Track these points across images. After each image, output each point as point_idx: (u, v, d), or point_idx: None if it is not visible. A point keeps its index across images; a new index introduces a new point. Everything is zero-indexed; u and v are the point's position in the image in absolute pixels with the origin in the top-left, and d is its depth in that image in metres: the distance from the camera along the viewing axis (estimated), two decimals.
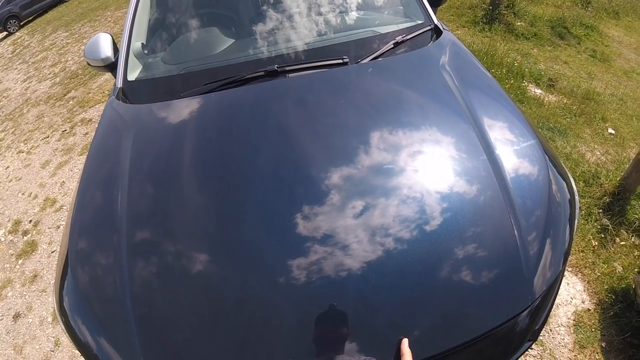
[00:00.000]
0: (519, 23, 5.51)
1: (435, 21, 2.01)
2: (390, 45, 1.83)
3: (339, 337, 1.10)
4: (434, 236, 1.22)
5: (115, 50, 2.20)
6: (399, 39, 1.85)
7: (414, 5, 2.10)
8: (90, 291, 1.29)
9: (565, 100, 3.92)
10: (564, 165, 1.57)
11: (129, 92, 1.90)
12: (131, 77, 1.97)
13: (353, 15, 2.11)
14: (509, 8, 5.63)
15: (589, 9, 6.91)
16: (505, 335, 1.19)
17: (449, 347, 1.10)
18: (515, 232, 1.25)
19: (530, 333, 1.24)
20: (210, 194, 1.42)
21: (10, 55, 9.26)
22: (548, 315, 1.31)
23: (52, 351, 2.46)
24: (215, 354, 1.12)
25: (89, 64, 2.22)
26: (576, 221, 1.41)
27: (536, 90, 4.02)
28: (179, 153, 1.56)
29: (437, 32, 1.97)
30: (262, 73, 1.74)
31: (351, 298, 1.14)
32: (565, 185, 1.47)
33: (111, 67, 2.16)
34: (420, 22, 2.02)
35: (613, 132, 3.60)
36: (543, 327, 1.30)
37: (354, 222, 1.25)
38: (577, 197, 1.48)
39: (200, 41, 2.13)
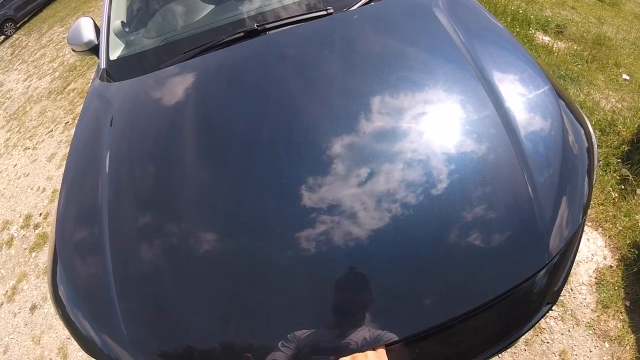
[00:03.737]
0: None
1: None
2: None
3: (351, 307, 1.04)
4: (444, 197, 1.14)
5: (98, 32, 2.13)
6: None
7: None
8: (79, 279, 1.26)
9: (575, 47, 3.74)
10: (581, 111, 1.44)
11: (112, 71, 1.84)
12: (113, 56, 1.91)
13: None
14: None
15: None
16: (523, 297, 1.11)
17: (463, 312, 1.02)
18: (529, 186, 1.15)
19: (550, 295, 1.16)
20: (200, 166, 1.35)
21: (10, 57, 9.26)
22: (568, 274, 1.22)
23: (68, 338, 2.47)
24: (204, 329, 1.08)
25: (73, 50, 2.17)
26: (595, 171, 1.30)
27: (544, 38, 3.85)
28: (161, 125, 1.49)
29: None
30: (242, 34, 1.65)
31: (363, 266, 1.07)
32: (582, 132, 1.35)
33: (96, 49, 2.10)
34: None
35: (628, 77, 3.43)
36: (563, 288, 1.21)
37: (360, 189, 1.17)
38: (595, 145, 1.37)
39: (180, 11, 2.05)
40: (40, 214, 3.58)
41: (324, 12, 1.66)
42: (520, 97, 1.34)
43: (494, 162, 1.21)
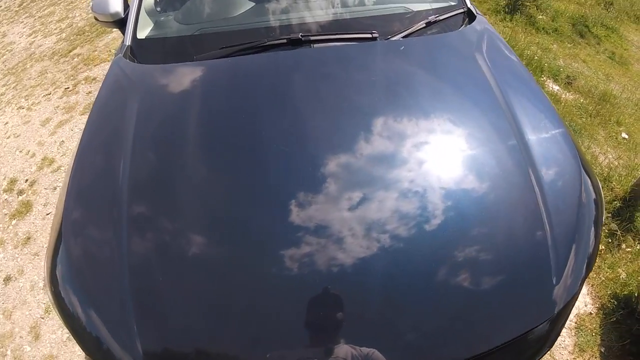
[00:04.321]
0: (540, 16, 5.37)
1: (469, 4, 1.91)
2: (422, 24, 1.73)
3: (323, 339, 1.03)
4: (446, 233, 1.13)
5: (126, 5, 2.08)
6: (431, 18, 1.75)
7: None
8: (85, 263, 1.21)
9: (582, 100, 3.82)
10: (589, 163, 1.47)
11: (137, 51, 1.80)
12: (141, 35, 1.86)
13: None
14: (533, 0, 5.49)
15: (611, 10, 6.75)
16: (525, 344, 1.11)
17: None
18: (547, 232, 1.14)
19: (550, 341, 1.17)
20: (217, 169, 1.35)
21: (17, 8, 9.03)
22: (565, 321, 1.23)
23: (42, 318, 2.40)
24: (214, 334, 1.06)
25: (96, 19, 2.10)
26: (601, 224, 1.31)
27: (554, 87, 3.92)
28: (187, 120, 1.47)
29: (470, 15, 1.87)
30: (285, 40, 1.63)
31: (344, 295, 1.05)
32: (590, 183, 1.35)
33: (120, 23, 2.04)
34: (453, 3, 1.91)
35: (626, 136, 3.52)
36: (560, 332, 1.23)
37: (371, 211, 1.16)
38: (602, 197, 1.37)
39: (218, 1, 2.01)
40: (27, 180, 3.49)
41: (369, 36, 1.66)
42: (543, 140, 1.36)
43: (512, 200, 1.20)
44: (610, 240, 2.42)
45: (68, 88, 4.62)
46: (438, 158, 1.30)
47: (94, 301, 1.14)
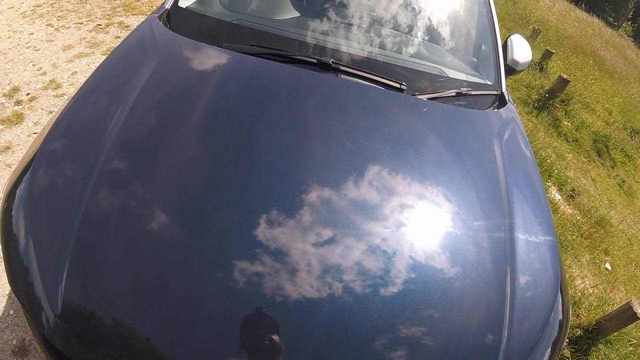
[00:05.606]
0: (566, 122, 5.46)
1: (504, 89, 1.90)
2: (452, 92, 1.71)
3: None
4: (413, 305, 1.10)
5: None
6: (463, 90, 1.74)
7: (490, 63, 1.98)
8: (45, 193, 1.20)
9: (578, 217, 3.85)
10: (567, 281, 1.45)
11: (173, 18, 1.79)
12: (182, 3, 1.86)
13: (427, 43, 2.00)
14: (564, 104, 5.58)
15: (635, 139, 6.88)
16: None
17: None
18: (504, 340, 1.10)
19: None
20: (205, 156, 1.32)
21: None
22: None
23: None
24: (137, 314, 1.03)
25: None
26: (560, 349, 1.25)
27: (557, 195, 3.95)
28: (194, 101, 1.45)
29: (501, 100, 1.85)
30: (315, 61, 1.63)
31: (279, 328, 1.02)
32: (562, 303, 1.29)
33: None
34: (489, 83, 1.90)
35: (610, 268, 3.53)
36: None
37: (334, 254, 1.13)
38: (569, 321, 1.32)
39: (266, 0, 2.02)
40: (28, 94, 3.44)
41: (397, 86, 1.65)
42: (531, 243, 1.33)
43: (478, 295, 1.16)
44: None
45: (100, 25, 4.59)
46: (419, 226, 1.27)
47: (38, 232, 1.12)
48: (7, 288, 2.03)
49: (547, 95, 5.53)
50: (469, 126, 1.67)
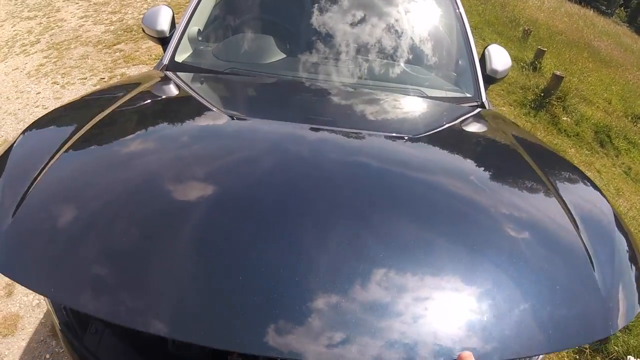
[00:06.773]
0: (564, 118, 5.49)
1: (484, 99, 1.94)
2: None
3: None
4: None
5: (172, 26, 2.23)
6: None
7: (468, 76, 2.02)
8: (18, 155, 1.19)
9: None
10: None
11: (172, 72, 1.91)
12: (179, 58, 1.97)
13: (406, 66, 2.04)
14: (560, 100, 5.62)
15: (638, 124, 6.86)
16: None
17: None
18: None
19: None
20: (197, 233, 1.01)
21: None
22: None
23: None
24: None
25: (143, 30, 2.25)
26: None
27: None
28: (177, 147, 1.31)
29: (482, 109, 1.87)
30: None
31: None
32: None
33: (163, 41, 2.18)
34: (469, 95, 1.95)
35: None
36: None
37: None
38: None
39: (254, 46, 2.12)
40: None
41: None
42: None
43: None
44: (577, 357, 2.39)
45: (103, 78, 4.81)
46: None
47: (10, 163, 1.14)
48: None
49: (542, 94, 5.58)
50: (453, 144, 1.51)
